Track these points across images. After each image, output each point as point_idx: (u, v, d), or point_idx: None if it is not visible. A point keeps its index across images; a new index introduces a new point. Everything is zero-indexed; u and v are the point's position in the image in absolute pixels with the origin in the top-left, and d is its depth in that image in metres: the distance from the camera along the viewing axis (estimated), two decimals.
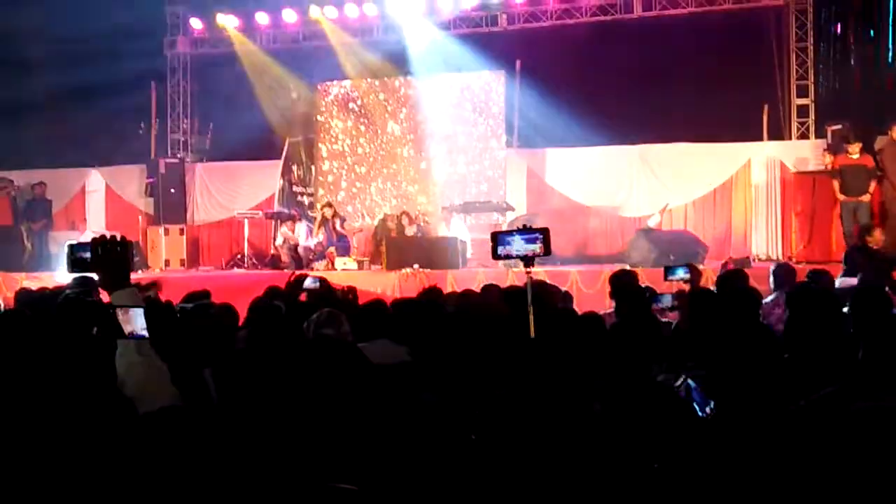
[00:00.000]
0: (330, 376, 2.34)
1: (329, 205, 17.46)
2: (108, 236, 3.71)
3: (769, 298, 8.14)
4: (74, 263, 3.80)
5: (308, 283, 7.40)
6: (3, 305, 9.81)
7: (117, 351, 3.62)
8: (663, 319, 6.88)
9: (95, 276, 3.96)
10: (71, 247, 3.81)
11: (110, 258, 3.65)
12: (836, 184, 14.81)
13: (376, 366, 2.89)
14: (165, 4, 20.91)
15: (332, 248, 16.52)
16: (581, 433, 3.11)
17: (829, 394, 3.63)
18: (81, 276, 6.89)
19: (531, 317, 5.23)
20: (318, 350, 2.42)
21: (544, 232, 5.61)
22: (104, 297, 4.42)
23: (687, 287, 7.44)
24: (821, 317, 4.77)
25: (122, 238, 3.73)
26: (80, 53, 18.08)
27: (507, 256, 5.71)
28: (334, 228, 16.98)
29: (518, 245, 5.60)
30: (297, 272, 5.64)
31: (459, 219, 16.97)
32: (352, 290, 7.71)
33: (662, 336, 5.18)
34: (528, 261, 5.63)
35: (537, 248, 5.59)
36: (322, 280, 7.47)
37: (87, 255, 3.71)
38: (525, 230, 5.71)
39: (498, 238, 5.70)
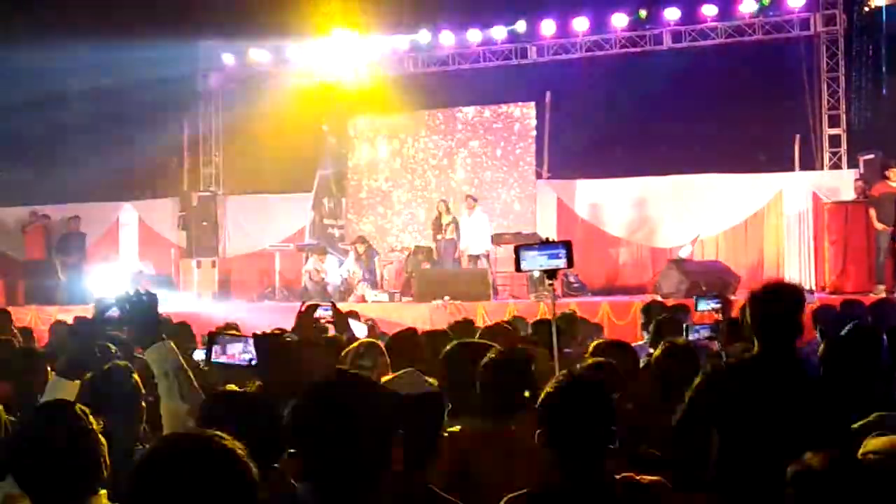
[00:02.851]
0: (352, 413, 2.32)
1: (362, 240, 17.47)
2: (133, 291, 3.67)
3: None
4: (103, 322, 3.80)
5: (320, 311, 7.42)
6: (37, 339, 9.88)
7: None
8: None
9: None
10: (97, 304, 3.81)
11: (138, 314, 3.62)
12: (872, 212, 14.65)
13: (402, 396, 2.89)
14: (198, 39, 21.11)
15: (363, 282, 16.56)
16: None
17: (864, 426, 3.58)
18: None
19: (556, 347, 5.20)
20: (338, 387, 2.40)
21: (567, 245, 5.59)
22: None
23: (718, 317, 7.39)
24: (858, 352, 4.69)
25: (148, 291, 3.69)
26: (114, 88, 18.30)
27: (531, 270, 5.69)
28: (367, 263, 17.00)
29: (541, 259, 5.58)
30: (309, 303, 5.61)
31: (483, 212, 16.90)
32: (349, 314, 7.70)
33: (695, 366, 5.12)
34: (551, 274, 5.61)
35: (561, 262, 5.57)
36: (333, 306, 7.47)
37: (115, 312, 3.70)
38: (548, 244, 5.70)
39: (521, 252, 5.68)
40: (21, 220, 19.68)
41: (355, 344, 5.43)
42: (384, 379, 3.78)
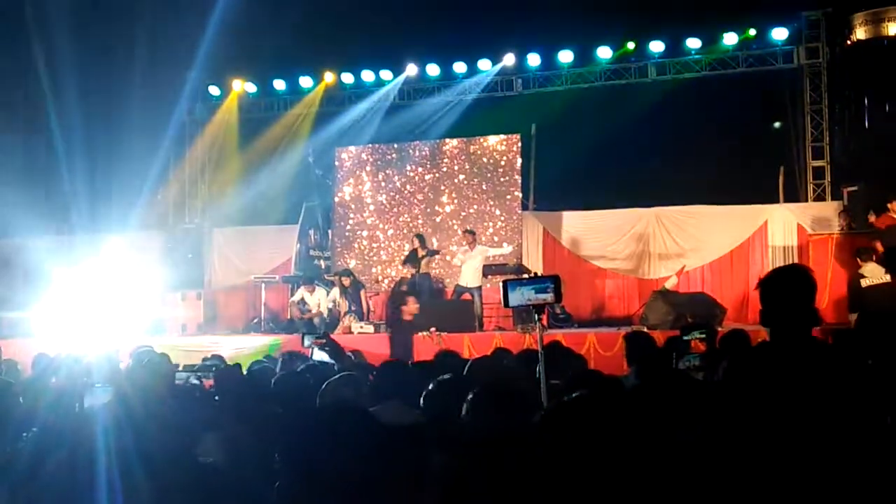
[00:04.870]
0: (341, 441, 2.33)
1: (347, 273, 17.45)
2: None
3: None
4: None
5: (307, 340, 7.51)
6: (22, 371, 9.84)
7: None
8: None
9: None
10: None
11: None
12: (878, 244, 14.68)
13: (387, 427, 2.88)
14: (184, 71, 21.14)
15: (349, 314, 16.54)
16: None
17: None
18: None
19: (542, 378, 5.19)
20: (330, 416, 2.42)
21: (555, 280, 5.60)
22: None
23: (703, 346, 7.38)
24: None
25: None
26: (100, 120, 18.29)
27: (519, 305, 5.69)
28: (353, 296, 16.98)
29: (529, 294, 5.59)
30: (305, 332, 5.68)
31: (481, 249, 16.83)
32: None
33: (690, 394, 5.08)
34: (539, 309, 5.61)
35: (548, 296, 5.57)
36: (327, 336, 7.51)
37: None
38: (536, 279, 5.71)
39: (509, 287, 5.68)
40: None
41: (337, 375, 5.44)
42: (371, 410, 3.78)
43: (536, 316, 5.77)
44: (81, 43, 17.79)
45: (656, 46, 18.56)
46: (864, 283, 13.33)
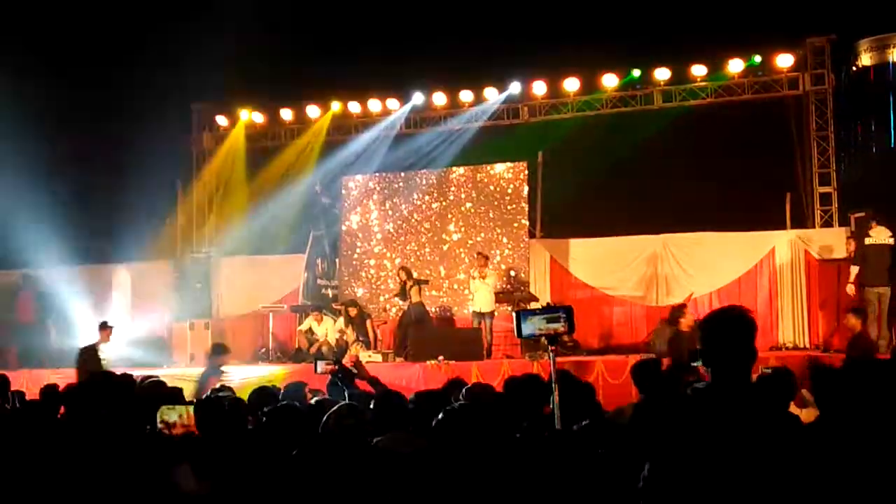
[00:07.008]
0: (343, 471, 2.33)
1: (353, 303, 17.48)
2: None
3: None
4: None
5: (321, 367, 7.53)
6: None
7: None
8: None
9: None
10: None
11: None
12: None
13: (391, 454, 2.88)
14: (191, 101, 21.26)
15: (356, 343, 16.55)
16: None
17: None
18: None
19: (556, 405, 5.19)
20: (330, 446, 2.42)
21: (567, 310, 5.61)
22: None
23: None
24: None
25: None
26: (108, 151, 18.38)
27: (531, 335, 5.70)
28: (359, 326, 16.98)
29: (541, 324, 5.60)
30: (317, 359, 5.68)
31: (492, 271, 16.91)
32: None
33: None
34: (552, 339, 5.62)
35: (560, 326, 5.58)
36: (340, 363, 7.51)
37: None
38: (548, 309, 5.72)
39: (522, 317, 5.69)
40: (13, 283, 19.62)
41: (337, 406, 5.44)
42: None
43: (549, 346, 5.76)
44: (89, 73, 17.91)
45: (662, 74, 18.59)
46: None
